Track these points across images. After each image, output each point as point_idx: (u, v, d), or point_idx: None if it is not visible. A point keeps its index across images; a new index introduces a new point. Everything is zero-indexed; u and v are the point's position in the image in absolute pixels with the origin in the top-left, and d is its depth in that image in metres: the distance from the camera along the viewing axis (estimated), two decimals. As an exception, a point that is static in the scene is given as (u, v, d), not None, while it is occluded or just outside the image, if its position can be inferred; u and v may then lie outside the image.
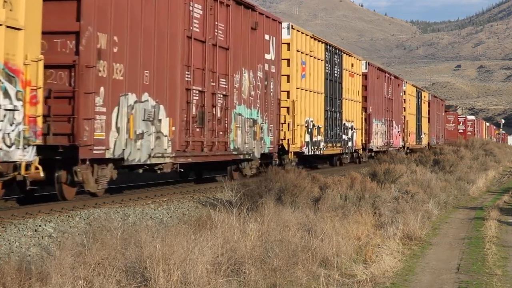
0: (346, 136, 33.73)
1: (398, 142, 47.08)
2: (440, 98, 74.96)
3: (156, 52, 16.00)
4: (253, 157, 21.77)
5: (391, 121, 44.41)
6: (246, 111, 21.19)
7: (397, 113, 46.57)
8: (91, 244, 9.09)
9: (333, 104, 31.41)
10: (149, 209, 14.73)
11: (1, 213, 12.32)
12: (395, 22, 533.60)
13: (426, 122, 60.75)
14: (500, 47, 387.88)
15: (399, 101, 47.48)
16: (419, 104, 56.31)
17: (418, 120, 55.77)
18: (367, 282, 9.64)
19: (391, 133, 44.35)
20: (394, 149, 44.22)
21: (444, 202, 20.53)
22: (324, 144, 29.81)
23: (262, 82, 22.56)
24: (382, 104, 42.00)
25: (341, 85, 32.70)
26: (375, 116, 39.72)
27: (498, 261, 12.15)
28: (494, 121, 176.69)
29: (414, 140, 53.87)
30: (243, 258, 9.36)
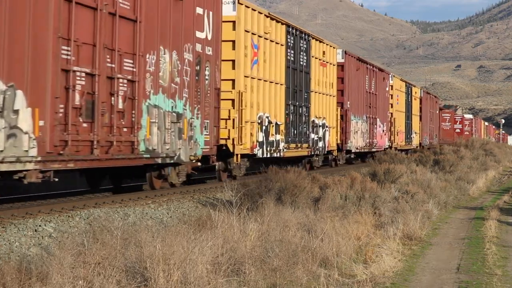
0: (316, 135, 29.44)
1: (383, 142, 42.73)
2: (434, 95, 70.33)
3: (8, 13, 11.53)
4: (179, 160, 17.30)
5: (375, 118, 40.10)
6: (167, 103, 16.59)
7: (382, 110, 42.20)
8: (91, 244, 9.09)
9: (297, 98, 26.95)
10: (149, 209, 14.73)
11: (1, 213, 12.32)
12: (395, 22, 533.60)
13: (418, 120, 56.41)
14: (500, 47, 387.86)
15: (384, 96, 42.92)
16: (409, 100, 52.04)
17: (408, 118, 51.43)
18: (367, 282, 9.64)
19: (374, 132, 39.95)
20: (378, 150, 40.82)
21: (444, 202, 20.53)
22: (285, 144, 25.47)
23: (192, 66, 17.94)
24: (363, 100, 37.53)
25: (308, 75, 28.25)
26: (354, 113, 35.41)
27: (498, 261, 12.15)
28: (494, 121, 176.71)
29: (403, 140, 49.68)
30: (243, 258, 9.36)
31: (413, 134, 53.33)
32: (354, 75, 35.76)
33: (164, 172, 17.65)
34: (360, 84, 36.85)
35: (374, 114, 39.65)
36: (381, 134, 41.96)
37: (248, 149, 22.07)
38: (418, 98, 56.36)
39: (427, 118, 60.69)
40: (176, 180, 18.06)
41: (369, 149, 38.90)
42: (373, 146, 39.57)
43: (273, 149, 24.27)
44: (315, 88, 29.17)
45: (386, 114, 43.53)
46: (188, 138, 17.69)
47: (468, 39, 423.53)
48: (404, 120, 49.84)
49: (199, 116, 18.46)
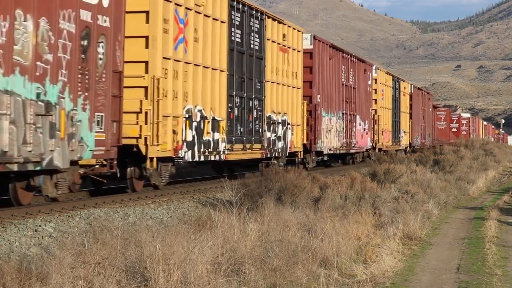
0: (274, 134, 24.16)
1: (364, 142, 37.75)
2: (426, 91, 64.35)
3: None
4: (51, 166, 12.80)
5: (354, 115, 34.99)
6: (29, 88, 12.13)
7: (363, 106, 37.14)
8: (91, 244, 9.09)
9: (246, 88, 21.78)
10: (149, 209, 14.74)
11: (1, 213, 12.32)
12: (395, 22, 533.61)
13: (407, 118, 51.17)
14: (500, 47, 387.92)
15: (366, 91, 37.86)
16: (397, 96, 47.03)
17: (396, 116, 46.54)
18: (367, 282, 9.64)
19: (353, 131, 34.82)
20: (358, 151, 37.10)
21: (444, 202, 20.54)
22: (227, 145, 20.32)
23: (74, 40, 13.50)
24: (338, 93, 32.31)
25: (262, 62, 23.01)
26: (326, 109, 30.29)
27: (498, 261, 12.15)
28: (494, 121, 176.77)
29: (390, 140, 44.65)
30: (243, 258, 9.36)
31: (401, 133, 48.51)
32: (327, 65, 30.47)
33: (33, 183, 13.27)
34: (334, 75, 31.55)
35: (352, 110, 34.75)
36: (362, 133, 36.91)
37: (170, 151, 17.31)
38: (407, 94, 51.53)
39: (419, 116, 55.71)
40: (54, 193, 13.59)
41: (346, 150, 33.90)
42: (351, 146, 34.62)
43: (208, 151, 19.15)
44: (272, 78, 23.86)
45: (368, 111, 38.59)
46: (67, 136, 13.24)
47: (468, 39, 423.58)
48: (391, 118, 45.16)
49: (87, 108, 13.96)
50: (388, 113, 44.52)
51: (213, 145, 19.49)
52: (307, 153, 28.38)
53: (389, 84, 44.66)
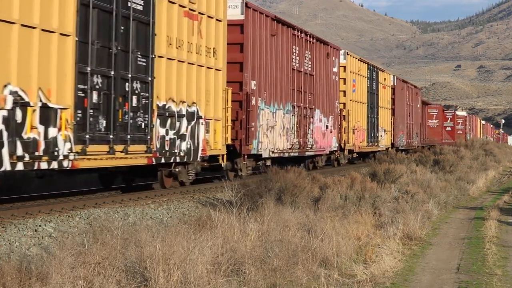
0: (173, 132, 17.35)
1: (327, 142, 30.92)
2: (413, 85, 56.07)
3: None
4: None
5: (311, 109, 28.50)
6: None
7: (326, 99, 30.58)
8: (91, 244, 9.09)
9: (117, 64, 15.01)
10: (149, 209, 14.74)
11: (1, 213, 12.32)
12: (395, 22, 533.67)
13: (388, 115, 44.48)
14: (500, 47, 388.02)
15: (329, 80, 30.86)
16: (374, 88, 40.29)
17: (372, 112, 39.86)
18: (367, 282, 9.64)
19: (310, 129, 28.35)
20: (318, 153, 30.30)
21: (444, 202, 20.54)
22: (76, 146, 13.61)
23: None
24: (287, 81, 25.67)
25: (149, 28, 16.16)
26: (266, 99, 23.79)
27: (498, 261, 12.15)
28: (494, 121, 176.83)
29: (365, 140, 37.85)
30: (243, 258, 9.36)
31: (380, 132, 41.81)
32: (268, 43, 23.90)
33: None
34: (280, 57, 25.04)
35: (309, 103, 28.24)
36: (324, 131, 30.34)
37: None
38: (389, 87, 44.72)
39: (403, 113, 49.11)
40: None
41: (300, 152, 27.33)
42: (307, 148, 28.03)
43: (33, 155, 12.45)
44: (168, 52, 17.07)
45: (334, 104, 31.81)
46: None
47: (468, 39, 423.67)
48: (366, 114, 38.41)
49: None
50: (362, 108, 37.62)
51: (45, 146, 12.76)
52: (235, 157, 21.89)
53: (363, 74, 37.76)
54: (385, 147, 42.85)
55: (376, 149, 41.04)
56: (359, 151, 36.95)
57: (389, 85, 44.89)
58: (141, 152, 15.96)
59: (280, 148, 25.11)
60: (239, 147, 21.86)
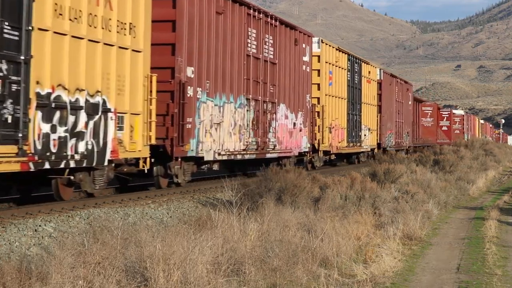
0: (63, 129, 13.28)
1: (296, 142, 26.44)
2: (404, 80, 50.65)
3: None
4: None
5: (273, 104, 24.06)
6: None
7: (294, 92, 26.13)
8: (91, 244, 9.10)
9: None
10: (149, 209, 14.74)
11: (1, 213, 12.33)
12: (395, 22, 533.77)
13: (374, 112, 40.05)
14: (500, 47, 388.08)
15: (298, 70, 26.47)
16: (356, 82, 35.79)
17: (354, 108, 35.23)
18: (367, 282, 9.64)
19: (272, 127, 23.82)
20: (284, 156, 25.42)
21: (444, 202, 20.54)
22: None
23: None
24: (240, 69, 21.18)
25: None
26: (209, 90, 19.31)
27: (498, 261, 12.15)
28: (494, 121, 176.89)
29: (344, 140, 33.26)
30: (243, 258, 9.36)
31: (364, 131, 37.30)
32: (211, 22, 19.53)
33: None
34: (230, 40, 20.62)
35: (271, 96, 23.76)
36: (291, 129, 25.81)
37: None
38: (374, 81, 40.19)
39: (392, 110, 44.75)
40: None
41: (258, 153, 22.62)
42: (267, 148, 23.41)
43: None
44: (56, 25, 13.06)
45: (304, 99, 27.36)
46: None
47: (468, 39, 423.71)
48: (346, 111, 33.82)
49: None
50: (341, 104, 32.98)
51: None
52: (166, 160, 17.93)
53: (342, 65, 33.15)
54: (369, 148, 38.70)
55: (359, 150, 36.54)
56: (337, 152, 32.06)
57: (374, 79, 40.22)
58: (10, 154, 11.82)
59: (231, 149, 20.54)
60: (170, 148, 17.63)
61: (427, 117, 66.17)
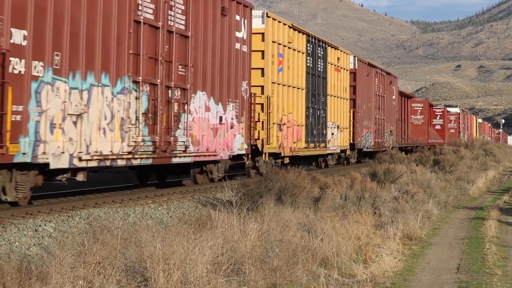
0: None
1: (224, 143, 20.08)
2: (387, 71, 44.35)
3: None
4: None
5: (184, 91, 17.77)
6: None
7: (220, 76, 19.77)
8: (91, 244, 9.10)
9: None
10: (149, 209, 14.74)
11: (1, 213, 12.32)
12: (395, 22, 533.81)
13: (346, 107, 34.11)
14: (500, 47, 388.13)
15: (228, 49, 20.16)
16: (320, 70, 29.60)
17: (316, 101, 29.13)
18: (367, 282, 9.64)
19: (180, 122, 17.61)
20: (206, 160, 19.30)
21: (444, 202, 20.54)
22: None
23: None
24: (117, 39, 14.91)
25: None
26: (56, 65, 13.04)
27: (498, 261, 12.15)
28: (494, 121, 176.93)
29: (303, 139, 27.36)
30: (243, 258, 9.36)
31: (331, 129, 31.43)
32: None
33: None
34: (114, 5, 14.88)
35: (180, 80, 17.54)
36: (215, 125, 19.50)
37: None
38: (345, 70, 34.12)
39: (371, 106, 38.84)
40: None
41: (157, 158, 16.48)
42: (173, 151, 17.18)
43: None
44: None
45: (238, 87, 21.02)
46: None
47: (468, 39, 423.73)
48: (305, 104, 27.70)
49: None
50: (298, 96, 27.09)
51: None
52: None
53: (299, 48, 27.23)
54: (339, 149, 32.85)
55: (324, 152, 30.49)
56: (292, 154, 26.12)
57: (346, 67, 34.10)
58: None
59: (104, 152, 14.49)
60: None
61: (417, 114, 59.46)
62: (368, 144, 38.12)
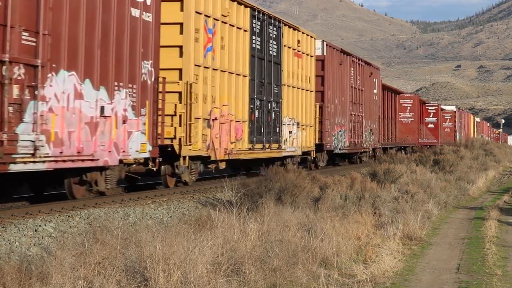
0: None
1: (109, 143, 14.64)
2: (366, 61, 38.79)
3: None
4: None
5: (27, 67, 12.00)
6: None
7: (104, 51, 14.41)
8: (91, 244, 9.10)
9: None
10: (149, 209, 14.74)
11: (1, 213, 12.32)
12: (395, 22, 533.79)
13: (310, 100, 28.07)
14: (500, 47, 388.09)
15: (116, 14, 14.73)
16: (272, 54, 24.06)
17: (266, 93, 23.52)
18: (367, 282, 9.65)
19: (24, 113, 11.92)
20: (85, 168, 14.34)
21: (444, 202, 20.54)
22: None
23: None
24: None
25: None
26: None
27: (498, 261, 12.15)
28: (494, 121, 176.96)
29: (245, 139, 21.84)
30: (243, 258, 9.36)
31: (288, 127, 25.47)
32: None
33: None
34: None
35: (26, 53, 12.04)
36: (94, 119, 14.25)
37: None
38: (310, 56, 28.10)
39: (345, 100, 33.38)
40: None
41: None
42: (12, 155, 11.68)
43: None
44: None
45: (136, 67, 15.73)
46: None
47: (468, 39, 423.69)
48: (248, 95, 22.17)
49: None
50: (238, 84, 21.49)
51: None
52: None
53: (239, 24, 21.68)
54: (300, 150, 26.74)
55: (277, 154, 24.29)
56: (228, 158, 20.51)
57: (310, 53, 28.13)
58: None
59: None
60: None
61: (406, 111, 52.74)
62: (342, 144, 32.81)
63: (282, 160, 25.54)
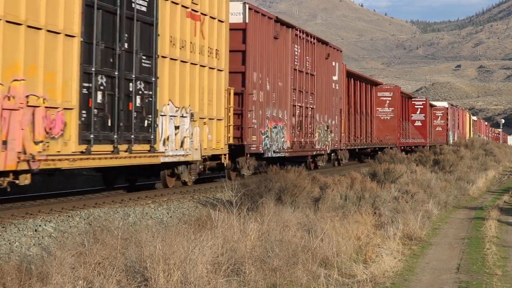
0: None
1: None
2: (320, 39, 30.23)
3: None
4: None
5: None
6: None
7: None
8: (92, 244, 9.10)
9: None
10: (149, 209, 14.73)
11: (1, 213, 12.33)
12: (395, 22, 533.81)
13: (217, 82, 19.73)
14: (500, 47, 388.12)
15: None
16: (134, 5, 15.43)
17: (119, 65, 15.04)
18: (367, 282, 9.64)
19: None
20: None
21: (444, 202, 20.54)
22: None
23: None
24: None
25: None
26: None
27: (498, 261, 12.15)
28: (494, 121, 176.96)
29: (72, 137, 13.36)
30: (243, 258, 9.36)
31: (173, 120, 17.36)
32: None
33: None
34: None
35: None
36: None
37: None
38: (220, 21, 19.92)
39: (286, 86, 25.71)
40: None
41: None
42: None
43: None
44: None
45: None
46: None
47: (468, 39, 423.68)
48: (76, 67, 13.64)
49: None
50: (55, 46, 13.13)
51: None
52: None
53: None
54: (198, 154, 18.64)
55: (147, 160, 16.40)
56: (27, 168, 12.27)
57: (220, 17, 19.94)
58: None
59: None
60: None
61: (385, 106, 44.15)
62: (279, 145, 25.06)
63: (171, 168, 18.50)
